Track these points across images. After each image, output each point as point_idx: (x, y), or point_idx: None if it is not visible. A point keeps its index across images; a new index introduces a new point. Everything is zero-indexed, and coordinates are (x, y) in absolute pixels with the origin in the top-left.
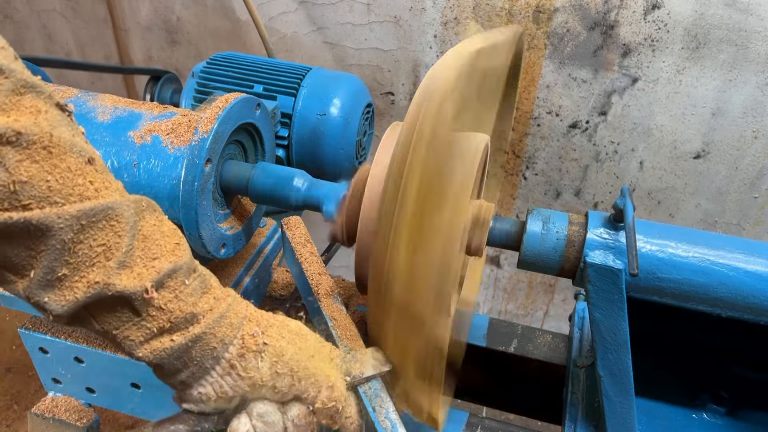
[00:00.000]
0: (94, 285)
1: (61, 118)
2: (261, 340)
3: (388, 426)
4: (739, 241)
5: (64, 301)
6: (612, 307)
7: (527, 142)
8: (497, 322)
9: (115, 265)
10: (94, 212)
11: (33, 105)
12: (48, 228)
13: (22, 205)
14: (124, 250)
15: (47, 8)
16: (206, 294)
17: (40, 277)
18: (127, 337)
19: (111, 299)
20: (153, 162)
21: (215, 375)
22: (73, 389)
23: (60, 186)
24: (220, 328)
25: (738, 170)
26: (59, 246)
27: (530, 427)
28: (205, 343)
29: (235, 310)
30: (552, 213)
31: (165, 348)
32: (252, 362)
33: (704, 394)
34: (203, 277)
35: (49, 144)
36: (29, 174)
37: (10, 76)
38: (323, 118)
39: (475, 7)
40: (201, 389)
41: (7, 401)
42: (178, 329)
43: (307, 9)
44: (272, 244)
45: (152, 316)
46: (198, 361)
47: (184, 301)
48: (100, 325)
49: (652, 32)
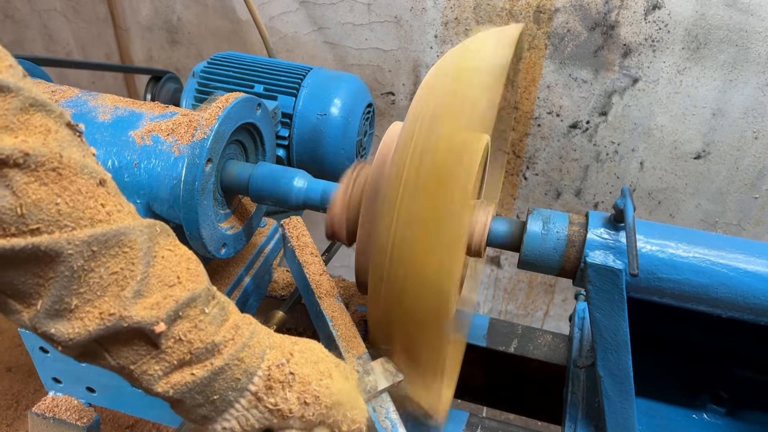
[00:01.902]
0: (109, 317)
1: (72, 139)
2: (288, 369)
3: (388, 426)
4: (739, 242)
5: (74, 333)
6: (612, 307)
7: (528, 142)
8: (497, 322)
9: (130, 295)
10: (106, 237)
11: (42, 124)
12: (57, 254)
13: (30, 230)
14: (139, 278)
15: (48, 8)
16: (226, 322)
17: (48, 307)
18: (145, 371)
19: (127, 332)
20: (154, 162)
21: (240, 408)
22: (74, 389)
23: (70, 209)
24: (243, 358)
25: (738, 170)
26: (69, 273)
27: (530, 427)
28: (228, 375)
29: (258, 337)
30: (552, 213)
31: (186, 382)
32: (280, 394)
33: (704, 395)
34: (222, 304)
35: (59, 165)
36: (37, 197)
37: (18, 95)
38: (324, 118)
39: (476, 8)
40: (225, 424)
41: (7, 401)
42: (199, 361)
43: (308, 9)
44: (273, 244)
45: (171, 347)
46: (221, 393)
47: (204, 331)
48: (115, 360)
49: (653, 32)
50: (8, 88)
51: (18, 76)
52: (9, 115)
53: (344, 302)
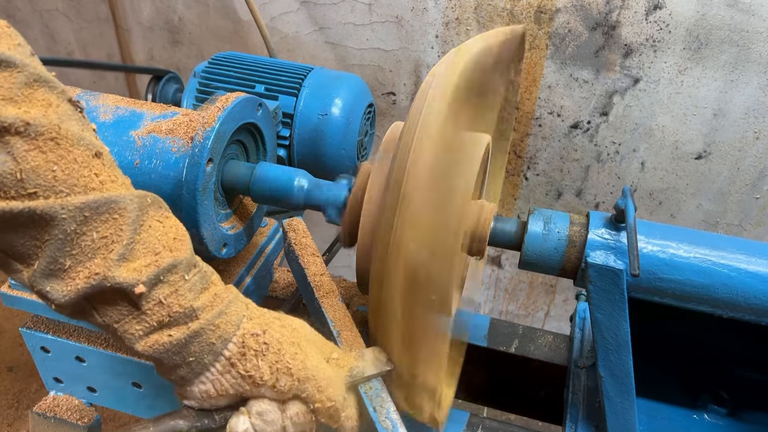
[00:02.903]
0: (94, 276)
1: (72, 113)
2: (262, 339)
3: (389, 426)
4: (740, 242)
5: (65, 291)
6: (613, 307)
7: (529, 142)
8: (498, 323)
9: (115, 258)
10: (98, 204)
11: (45, 98)
12: (52, 218)
13: (27, 194)
14: (125, 243)
15: (49, 8)
16: (206, 290)
17: (43, 267)
18: (126, 330)
19: (111, 291)
20: (154, 162)
21: (215, 372)
22: (75, 388)
23: (65, 177)
24: (219, 325)
25: (740, 171)
26: (62, 236)
27: (531, 427)
28: (203, 339)
29: (235, 307)
30: (553, 213)
31: (164, 342)
32: (252, 361)
33: (705, 395)
34: (204, 273)
35: (57, 136)
36: (36, 164)
37: (24, 70)
38: (325, 118)
39: (477, 8)
40: (201, 386)
41: (8, 400)
42: (176, 324)
43: (309, 9)
44: (273, 244)
45: (151, 309)
46: (197, 356)
47: (183, 296)
48: (101, 317)
49: (654, 33)
50: (15, 63)
51: (25, 53)
52: (14, 88)
53: (345, 302)
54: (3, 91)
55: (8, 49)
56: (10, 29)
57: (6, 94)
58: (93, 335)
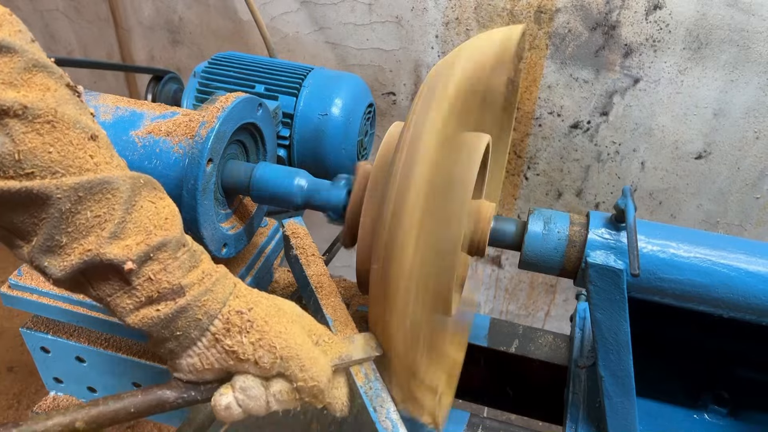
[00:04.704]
0: (87, 252)
1: (69, 98)
2: (247, 317)
3: (388, 426)
4: (740, 242)
5: (61, 266)
6: (613, 307)
7: (529, 142)
8: (499, 323)
9: (107, 235)
10: (91, 185)
11: (43, 83)
12: (47, 197)
13: (25, 174)
14: (117, 221)
15: (50, 8)
16: (195, 268)
17: (41, 243)
18: (118, 304)
19: (103, 267)
20: (154, 162)
21: (201, 347)
22: (75, 388)
23: (61, 158)
24: (205, 301)
25: (740, 171)
26: (58, 215)
27: (531, 427)
28: (190, 315)
29: (222, 285)
30: (553, 213)
31: (153, 316)
32: (236, 338)
33: (706, 395)
34: (193, 252)
35: (53, 119)
36: (33, 145)
37: (24, 56)
38: (325, 118)
39: (477, 8)
40: (188, 359)
41: (8, 400)
42: (165, 299)
43: (309, 9)
44: (273, 244)
45: (141, 285)
46: (184, 331)
47: (172, 274)
48: (95, 291)
49: (654, 32)
50: (15, 49)
51: (26, 39)
52: (14, 72)
53: (345, 302)
54: (3, 75)
55: (9, 35)
56: (12, 16)
57: (6, 79)
58: (93, 335)
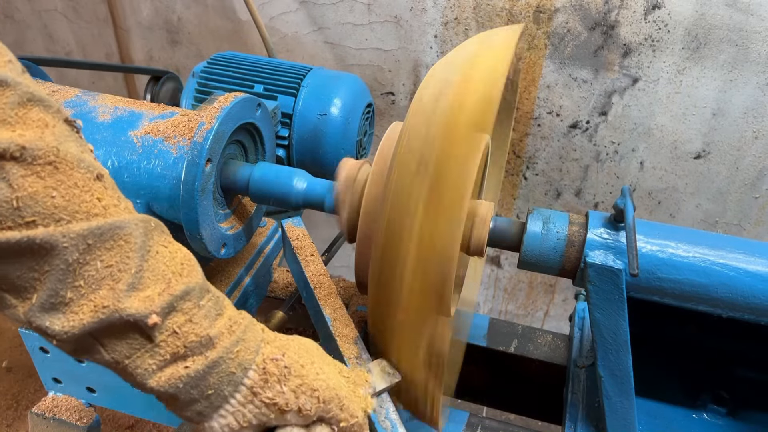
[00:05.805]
0: (103, 309)
1: (69, 134)
2: (283, 363)
3: (388, 426)
4: (739, 242)
5: (69, 326)
6: (612, 307)
7: (528, 142)
8: (498, 322)
9: (124, 288)
10: (101, 231)
11: (40, 119)
12: (52, 247)
13: (25, 223)
14: (134, 271)
15: (48, 8)
16: (221, 316)
17: (42, 301)
18: (139, 366)
19: (121, 325)
20: (153, 162)
21: (236, 403)
22: (74, 389)
23: (66, 203)
24: (238, 352)
25: (739, 170)
26: (64, 266)
27: (530, 427)
28: (223, 369)
29: (252, 332)
30: (552, 213)
31: (181, 375)
32: (276, 388)
33: (705, 395)
34: (217, 298)
35: (55, 159)
36: (33, 190)
37: (17, 89)
38: (324, 118)
39: (476, 8)
40: (222, 420)
41: (7, 401)
42: (193, 354)
43: (308, 9)
44: (272, 244)
45: (165, 341)
46: (216, 388)
47: (198, 324)
48: (110, 354)
49: (653, 32)
50: (6, 82)
51: (17, 71)
52: (7, 108)
53: (344, 302)
54: None
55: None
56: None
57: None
58: None
